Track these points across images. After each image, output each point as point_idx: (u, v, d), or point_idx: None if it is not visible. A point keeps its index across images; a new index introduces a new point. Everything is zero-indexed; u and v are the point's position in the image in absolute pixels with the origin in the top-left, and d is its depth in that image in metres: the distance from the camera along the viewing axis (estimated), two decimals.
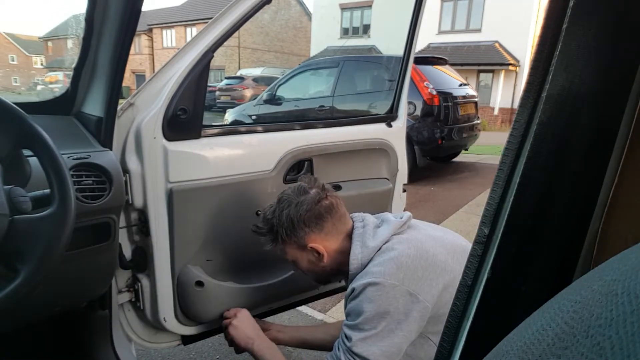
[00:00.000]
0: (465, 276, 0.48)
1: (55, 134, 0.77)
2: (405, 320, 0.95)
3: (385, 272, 0.97)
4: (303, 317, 2.28)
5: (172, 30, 25.09)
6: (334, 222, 1.07)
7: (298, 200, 1.05)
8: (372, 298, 0.96)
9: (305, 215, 1.04)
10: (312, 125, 1.47)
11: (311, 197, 1.06)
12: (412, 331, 0.97)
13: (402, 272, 0.96)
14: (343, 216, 1.10)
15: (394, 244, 1.02)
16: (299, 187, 1.08)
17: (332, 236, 1.07)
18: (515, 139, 0.44)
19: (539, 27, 0.43)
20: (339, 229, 1.08)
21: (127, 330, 1.28)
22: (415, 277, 0.97)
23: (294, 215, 1.04)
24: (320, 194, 1.07)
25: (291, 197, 1.07)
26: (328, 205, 1.06)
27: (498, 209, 0.46)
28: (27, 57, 33.88)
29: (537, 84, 0.42)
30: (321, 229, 1.06)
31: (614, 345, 0.19)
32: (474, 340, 0.46)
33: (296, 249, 1.09)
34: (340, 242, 1.08)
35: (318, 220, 1.05)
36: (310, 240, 1.06)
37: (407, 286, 0.96)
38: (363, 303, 0.96)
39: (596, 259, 0.47)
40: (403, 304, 0.95)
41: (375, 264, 1.00)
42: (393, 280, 0.95)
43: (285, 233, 1.06)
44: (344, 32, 17.77)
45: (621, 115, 0.44)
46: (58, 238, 0.69)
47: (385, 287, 0.95)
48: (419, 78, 5.03)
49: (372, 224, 1.08)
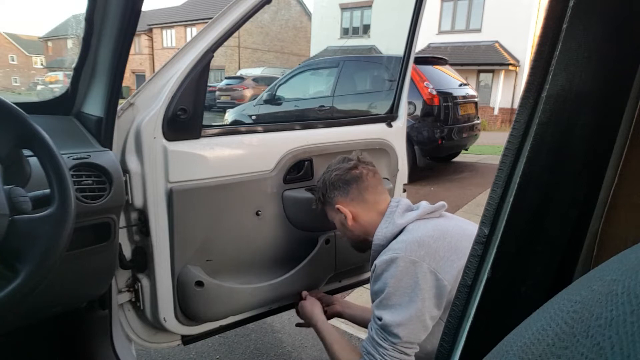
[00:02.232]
0: (465, 276, 0.48)
1: (55, 134, 0.77)
2: (427, 298, 0.98)
3: (407, 248, 1.01)
4: None
5: (172, 30, 25.08)
6: (360, 190, 1.17)
7: (336, 167, 1.20)
8: (394, 273, 1.00)
9: (335, 180, 1.18)
10: (312, 125, 1.47)
11: (345, 165, 1.19)
12: (432, 309, 0.99)
13: (423, 250, 1.00)
14: (372, 188, 1.18)
15: (419, 225, 1.07)
16: (343, 157, 1.23)
17: (357, 203, 1.17)
18: (515, 139, 0.44)
19: (539, 27, 0.43)
20: (365, 198, 1.17)
21: (127, 330, 1.27)
22: (437, 257, 1.00)
23: (327, 179, 1.20)
24: (353, 164, 1.19)
25: (332, 165, 1.22)
26: (357, 175, 1.17)
27: (498, 209, 0.46)
28: (27, 57, 33.89)
29: (537, 84, 0.42)
30: (347, 194, 1.17)
31: (614, 345, 0.19)
32: (474, 340, 0.46)
33: (331, 209, 1.22)
34: (369, 213, 1.17)
35: (345, 186, 1.17)
36: (338, 202, 1.18)
37: (428, 263, 0.99)
38: (386, 279, 1.01)
39: (596, 259, 0.47)
40: (423, 280, 0.98)
41: (398, 241, 1.05)
42: (414, 256, 0.99)
43: (322, 195, 1.22)
44: (344, 32, 17.77)
45: (621, 115, 0.44)
46: (58, 238, 0.69)
47: (406, 263, 0.99)
48: (419, 78, 5.02)
49: (405, 205, 1.14)
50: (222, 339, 2.05)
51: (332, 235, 1.47)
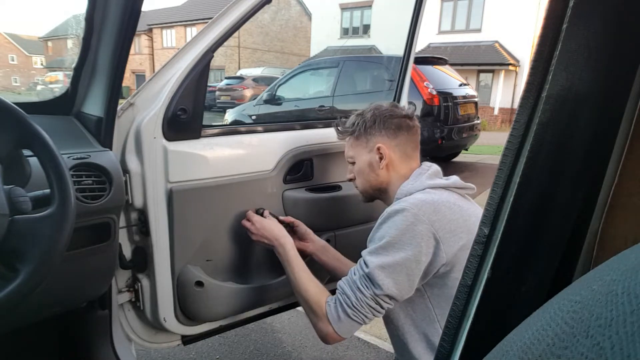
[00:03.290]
0: (465, 276, 0.48)
1: (55, 134, 0.77)
2: (422, 262, 0.95)
3: (420, 206, 0.97)
4: (303, 317, 2.28)
5: (172, 30, 25.07)
6: (407, 140, 1.12)
7: (388, 108, 1.14)
8: (399, 225, 0.96)
9: (387, 119, 1.12)
10: (312, 125, 1.47)
11: (400, 111, 1.14)
12: (421, 273, 0.96)
13: (435, 216, 0.96)
14: (415, 144, 1.15)
15: (442, 192, 1.03)
16: (394, 103, 1.18)
17: (399, 150, 1.12)
18: (515, 139, 0.44)
19: (539, 27, 0.43)
20: (407, 150, 1.13)
21: (127, 330, 1.27)
22: (446, 228, 0.96)
23: (378, 115, 1.12)
24: (410, 113, 1.15)
25: (384, 104, 1.16)
26: (410, 125, 1.13)
27: (498, 209, 0.46)
28: (27, 57, 33.87)
29: (537, 84, 0.42)
30: (394, 138, 1.11)
31: (614, 345, 0.19)
32: (474, 340, 0.46)
33: (363, 148, 1.14)
34: (402, 166, 1.12)
35: (396, 130, 1.11)
36: (380, 142, 1.11)
37: (436, 231, 0.95)
38: (389, 228, 0.97)
39: (596, 259, 0.47)
40: (426, 245, 0.95)
41: (415, 197, 1.01)
42: (423, 217, 0.95)
43: (363, 127, 1.13)
44: (344, 32, 17.77)
45: (621, 115, 0.44)
46: (58, 238, 0.69)
47: (416, 220, 0.95)
48: (419, 78, 5.03)
49: (436, 170, 1.11)
50: (222, 339, 2.05)
51: (332, 235, 1.47)
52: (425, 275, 0.98)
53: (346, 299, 0.98)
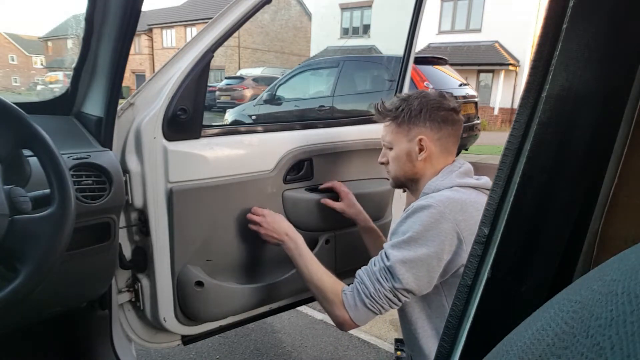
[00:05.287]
0: (465, 276, 0.48)
1: (55, 134, 0.77)
2: (444, 259, 0.95)
3: (447, 204, 0.96)
4: (303, 317, 2.28)
5: (172, 30, 25.07)
6: (450, 134, 1.09)
7: (436, 99, 1.09)
8: (424, 221, 0.95)
9: (434, 110, 1.07)
10: (312, 125, 1.47)
11: (448, 103, 1.09)
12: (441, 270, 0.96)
13: (462, 216, 0.95)
14: (456, 139, 1.12)
15: (470, 192, 1.02)
16: (442, 93, 1.13)
17: (440, 145, 1.08)
18: (515, 139, 0.44)
19: (539, 27, 0.43)
20: (446, 144, 1.09)
21: (127, 330, 1.27)
22: (471, 229, 0.95)
23: (425, 105, 1.07)
24: (457, 106, 1.11)
25: (432, 94, 1.11)
26: (456, 119, 1.09)
27: (498, 209, 0.46)
28: (27, 57, 33.85)
29: (537, 84, 0.42)
30: (438, 131, 1.08)
31: (614, 345, 0.19)
32: (474, 340, 0.46)
33: (404, 136, 1.10)
34: (439, 160, 1.09)
35: (441, 123, 1.07)
36: (423, 133, 1.07)
37: (461, 230, 0.94)
38: (414, 223, 0.97)
39: (596, 259, 0.47)
40: (449, 244, 0.94)
41: (442, 194, 1.01)
42: (449, 215, 0.95)
43: (408, 115, 1.08)
44: (344, 32, 17.76)
45: (621, 116, 0.44)
46: (58, 238, 0.69)
47: (441, 217, 0.94)
48: (419, 78, 5.03)
49: (468, 169, 1.09)
50: (222, 339, 2.05)
51: (332, 236, 1.47)
52: (445, 273, 0.97)
53: (364, 288, 0.98)
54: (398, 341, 1.27)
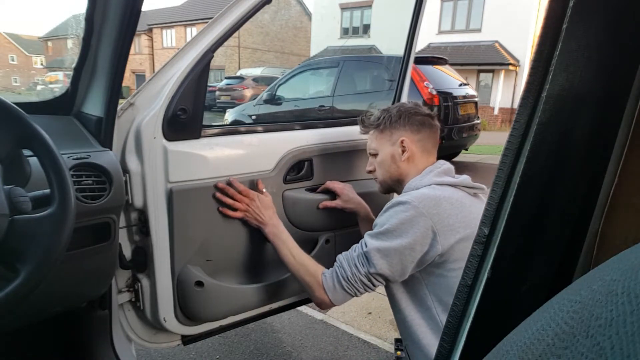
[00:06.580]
0: (465, 276, 0.48)
1: (55, 134, 0.77)
2: (418, 251, 1.03)
3: (422, 199, 1.04)
4: (303, 317, 2.28)
5: (172, 30, 25.07)
6: (429, 136, 1.20)
7: (412, 106, 1.22)
8: (400, 216, 1.04)
9: (412, 115, 1.19)
10: (312, 125, 1.47)
11: (424, 109, 1.23)
12: (415, 260, 1.04)
13: (435, 210, 1.03)
14: (435, 142, 1.22)
15: (447, 189, 1.10)
16: (417, 102, 1.27)
17: (420, 145, 1.19)
18: (515, 139, 0.44)
19: (539, 27, 0.43)
20: (427, 146, 1.20)
21: (127, 330, 1.27)
22: (444, 222, 1.02)
23: (403, 111, 1.20)
24: (433, 114, 1.23)
25: (408, 103, 1.26)
26: (432, 124, 1.21)
27: (498, 209, 0.46)
28: (27, 57, 33.85)
29: (537, 84, 0.42)
30: (417, 133, 1.19)
31: (614, 345, 0.19)
32: (474, 340, 0.46)
33: (387, 140, 1.21)
34: (420, 161, 1.19)
35: (419, 126, 1.19)
36: (404, 136, 1.18)
37: (434, 224, 1.02)
38: (390, 217, 1.06)
39: (596, 259, 0.47)
40: (423, 236, 1.02)
41: (420, 192, 1.09)
42: (424, 209, 1.02)
43: (389, 121, 1.20)
44: (344, 32, 17.77)
45: (621, 115, 0.44)
46: (58, 238, 0.69)
47: (415, 211, 1.02)
48: (419, 78, 5.03)
49: (447, 169, 1.18)
50: (222, 339, 2.05)
51: (332, 235, 1.47)
52: (421, 263, 1.05)
53: (343, 272, 1.08)
54: (398, 341, 1.27)
